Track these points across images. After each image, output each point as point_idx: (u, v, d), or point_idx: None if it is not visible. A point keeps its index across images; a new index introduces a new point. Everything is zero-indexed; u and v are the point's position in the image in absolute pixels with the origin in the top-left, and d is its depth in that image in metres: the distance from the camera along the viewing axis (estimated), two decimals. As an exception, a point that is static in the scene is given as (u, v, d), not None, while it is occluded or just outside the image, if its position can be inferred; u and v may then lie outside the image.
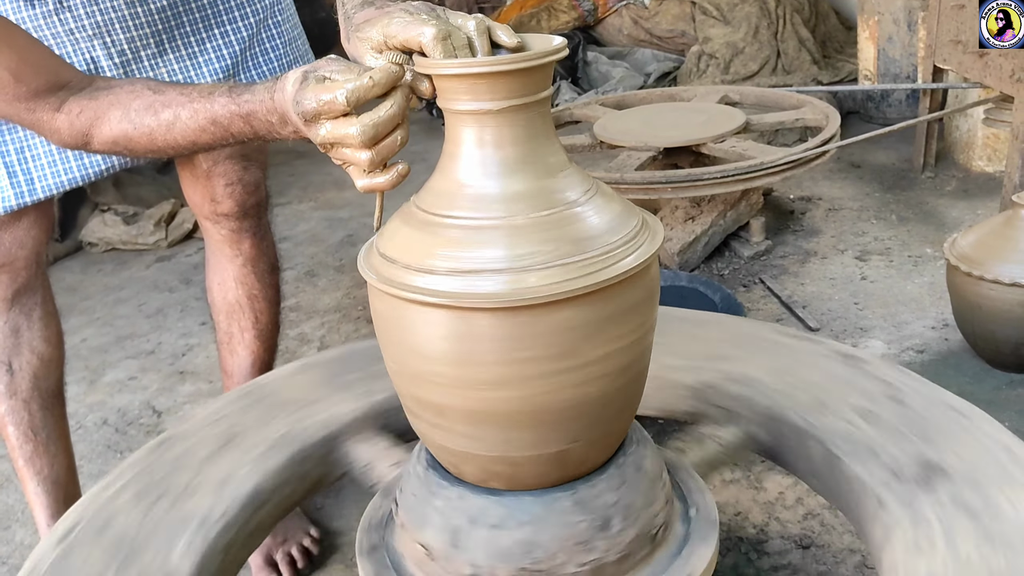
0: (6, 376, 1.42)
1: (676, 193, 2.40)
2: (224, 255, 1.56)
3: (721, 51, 4.27)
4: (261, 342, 1.61)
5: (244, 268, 1.56)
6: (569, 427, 0.82)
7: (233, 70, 1.40)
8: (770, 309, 2.32)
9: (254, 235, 1.56)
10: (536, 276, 0.76)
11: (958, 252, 1.91)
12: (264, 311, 1.60)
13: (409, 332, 0.81)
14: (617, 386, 0.83)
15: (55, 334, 1.49)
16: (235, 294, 1.58)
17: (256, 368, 1.62)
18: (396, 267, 0.81)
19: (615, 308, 0.79)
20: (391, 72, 0.78)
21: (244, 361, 1.61)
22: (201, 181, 1.48)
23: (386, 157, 0.82)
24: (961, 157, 3.17)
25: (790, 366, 1.12)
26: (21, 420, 1.45)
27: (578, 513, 0.85)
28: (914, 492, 0.89)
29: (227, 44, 1.39)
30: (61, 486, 1.51)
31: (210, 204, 1.50)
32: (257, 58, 1.43)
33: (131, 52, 1.32)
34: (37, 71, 1.02)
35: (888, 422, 1.00)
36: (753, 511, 1.56)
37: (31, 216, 1.37)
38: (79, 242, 3.49)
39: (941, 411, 1.03)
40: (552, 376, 0.79)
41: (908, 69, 3.54)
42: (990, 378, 1.90)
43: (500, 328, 0.76)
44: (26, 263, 1.40)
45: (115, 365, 2.49)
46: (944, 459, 0.93)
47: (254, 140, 0.93)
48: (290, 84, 0.83)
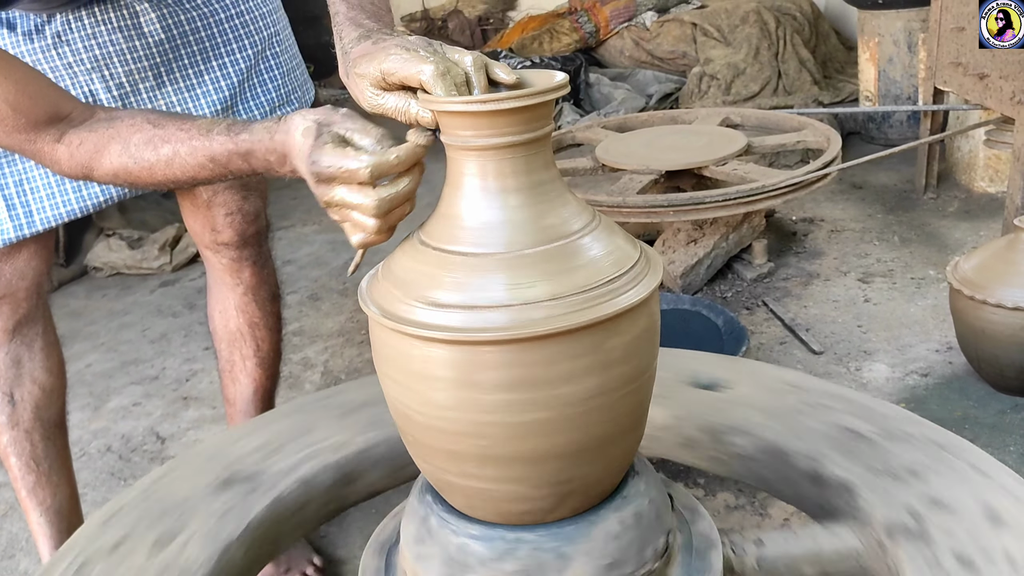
0: (8, 407, 1.42)
1: (678, 216, 2.41)
2: (225, 284, 1.57)
3: (722, 72, 4.29)
4: (263, 370, 1.62)
5: (245, 296, 1.57)
6: (574, 459, 0.82)
7: (231, 101, 1.41)
8: (773, 332, 2.32)
9: (255, 264, 1.56)
10: (539, 310, 0.76)
11: (961, 276, 1.91)
12: (265, 339, 1.61)
13: (411, 364, 0.81)
14: (620, 417, 0.84)
15: (57, 364, 1.49)
16: (236, 322, 1.58)
17: (258, 396, 1.62)
18: (399, 301, 0.81)
19: (619, 340, 0.80)
20: (416, 153, 0.80)
21: (246, 389, 1.61)
22: (201, 211, 1.49)
23: (393, 225, 0.83)
24: (963, 178, 3.17)
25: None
26: (23, 451, 1.45)
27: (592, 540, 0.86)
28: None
29: (225, 76, 1.40)
30: (64, 516, 1.51)
31: (211, 233, 1.51)
32: (255, 88, 1.44)
33: (129, 85, 1.33)
34: (36, 102, 1.02)
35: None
36: (758, 538, 1.55)
37: (31, 247, 1.37)
38: (84, 267, 3.50)
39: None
40: (555, 407, 0.79)
41: (909, 90, 3.55)
42: (995, 402, 1.90)
43: (502, 361, 0.77)
44: (27, 294, 1.40)
45: (119, 391, 2.49)
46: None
47: (252, 176, 0.94)
48: (299, 133, 0.83)
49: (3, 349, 1.41)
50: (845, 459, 1.05)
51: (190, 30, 1.36)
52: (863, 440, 1.08)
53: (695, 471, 1.70)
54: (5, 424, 1.43)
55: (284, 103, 1.47)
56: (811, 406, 1.16)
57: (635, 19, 4.91)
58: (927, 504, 0.96)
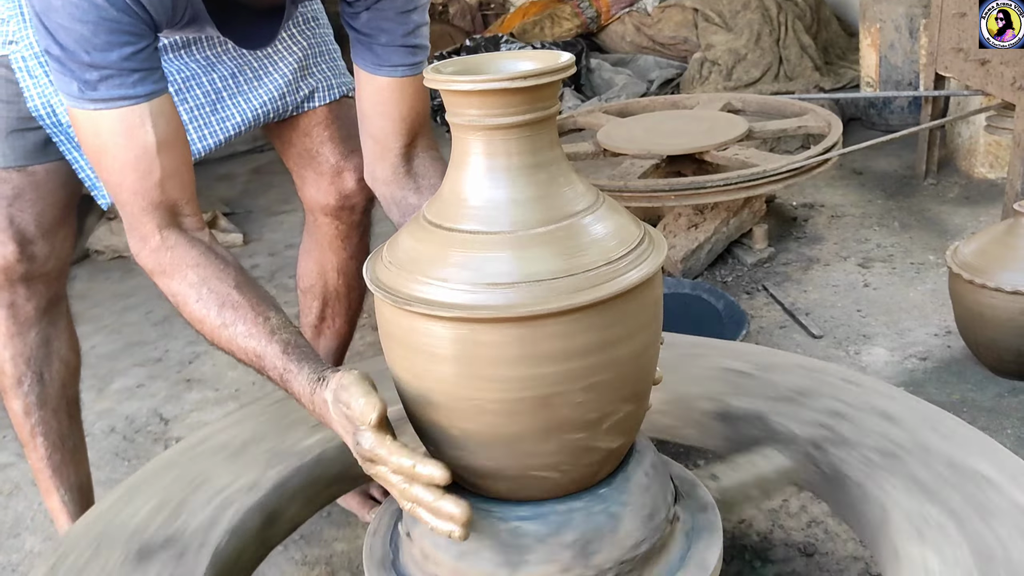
0: (38, 386, 1.44)
1: (679, 201, 2.42)
2: (332, 248, 1.60)
3: (723, 58, 4.28)
4: (349, 328, 1.72)
5: (351, 260, 1.61)
6: (580, 433, 0.84)
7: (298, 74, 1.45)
8: (773, 316, 2.33)
9: (365, 229, 1.61)
10: (546, 288, 0.77)
11: (960, 260, 1.92)
12: (356, 300, 1.69)
13: (417, 342, 0.82)
14: (625, 394, 0.85)
15: (76, 341, 1.52)
16: (335, 284, 1.64)
17: (340, 351, 1.73)
18: (404, 280, 0.82)
19: (624, 317, 0.81)
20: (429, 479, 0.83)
21: (331, 343, 1.71)
22: (327, 177, 1.51)
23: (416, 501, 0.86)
24: (963, 164, 3.18)
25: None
26: (51, 430, 1.48)
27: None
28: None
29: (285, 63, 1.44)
30: (84, 493, 1.55)
31: (337, 199, 1.52)
32: (324, 56, 1.48)
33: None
34: (181, 188, 1.06)
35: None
36: (757, 519, 1.57)
37: (69, 226, 1.41)
38: (86, 250, 3.51)
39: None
40: (561, 383, 0.80)
41: (910, 76, 3.55)
42: (992, 385, 1.91)
43: (507, 338, 0.78)
44: (59, 273, 1.43)
45: (123, 372, 2.51)
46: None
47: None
48: (332, 410, 0.91)
49: (35, 329, 1.42)
50: (742, 393, 1.18)
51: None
52: (746, 376, 1.22)
53: (695, 452, 1.72)
54: (35, 404, 1.45)
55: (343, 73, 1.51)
56: (689, 356, 1.29)
57: (636, 4, 4.90)
58: (830, 415, 1.12)
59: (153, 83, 1.00)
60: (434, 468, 0.81)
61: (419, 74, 1.20)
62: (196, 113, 1.36)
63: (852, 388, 1.18)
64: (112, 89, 0.97)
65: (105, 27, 0.93)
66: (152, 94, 1.00)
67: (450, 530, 0.82)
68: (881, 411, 1.12)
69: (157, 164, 1.01)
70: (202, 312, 1.02)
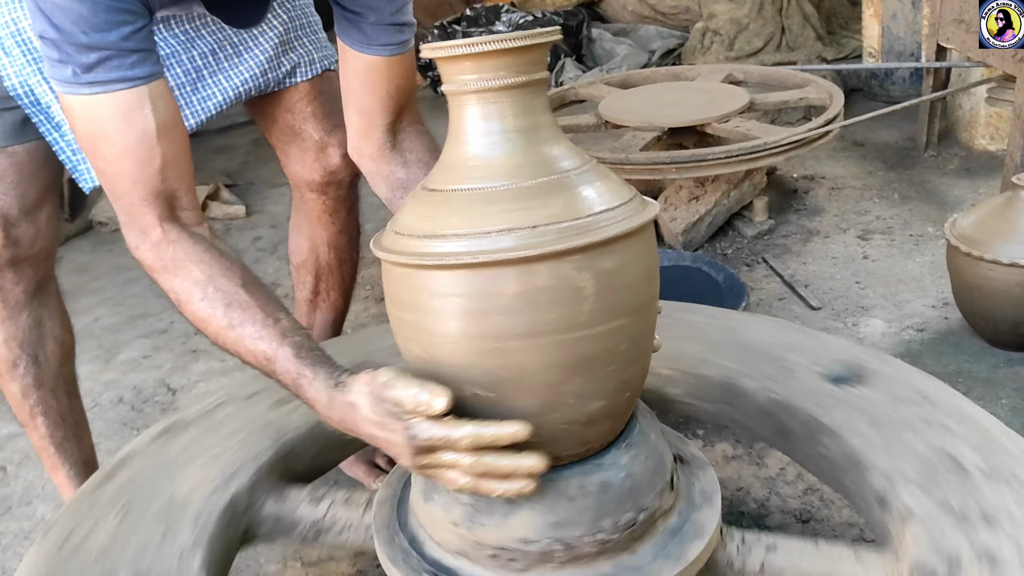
0: (34, 368, 1.46)
1: (680, 173, 2.43)
2: (321, 222, 1.61)
3: (725, 27, 4.27)
4: (344, 300, 1.75)
5: (340, 235, 1.64)
6: (583, 382, 0.86)
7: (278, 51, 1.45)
8: (772, 288, 2.35)
9: (353, 204, 1.63)
10: (544, 233, 0.81)
11: (958, 232, 1.93)
12: (349, 273, 1.71)
13: (426, 304, 0.84)
14: (624, 348, 0.87)
15: (68, 320, 1.53)
16: (327, 258, 1.66)
17: (337, 323, 1.76)
18: (407, 240, 0.85)
19: (620, 266, 0.84)
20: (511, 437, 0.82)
21: (327, 316, 1.73)
22: (312, 153, 1.52)
23: (485, 493, 0.86)
24: (964, 136, 3.18)
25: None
26: (50, 409, 1.49)
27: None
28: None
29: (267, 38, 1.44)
30: (89, 466, 1.57)
31: (322, 175, 1.54)
32: (306, 28, 1.48)
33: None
34: (180, 177, 1.03)
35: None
36: (754, 487, 1.60)
37: (51, 206, 1.40)
38: (89, 221, 3.52)
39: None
40: (564, 330, 0.82)
41: (912, 47, 3.54)
42: (988, 356, 1.94)
43: (512, 281, 0.81)
44: (47, 255, 1.43)
45: (128, 344, 2.53)
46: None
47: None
48: (366, 411, 0.88)
49: (25, 312, 1.43)
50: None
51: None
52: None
53: (694, 423, 1.75)
54: (31, 385, 1.47)
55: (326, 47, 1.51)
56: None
57: (638, -27, 4.87)
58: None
59: (151, 65, 0.97)
60: (513, 424, 0.81)
61: (407, 52, 1.20)
62: (177, 93, 1.34)
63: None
64: (110, 71, 0.94)
65: (104, 6, 0.91)
66: (151, 76, 0.97)
67: (521, 487, 0.82)
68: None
69: (157, 150, 0.99)
70: (207, 311, 0.99)
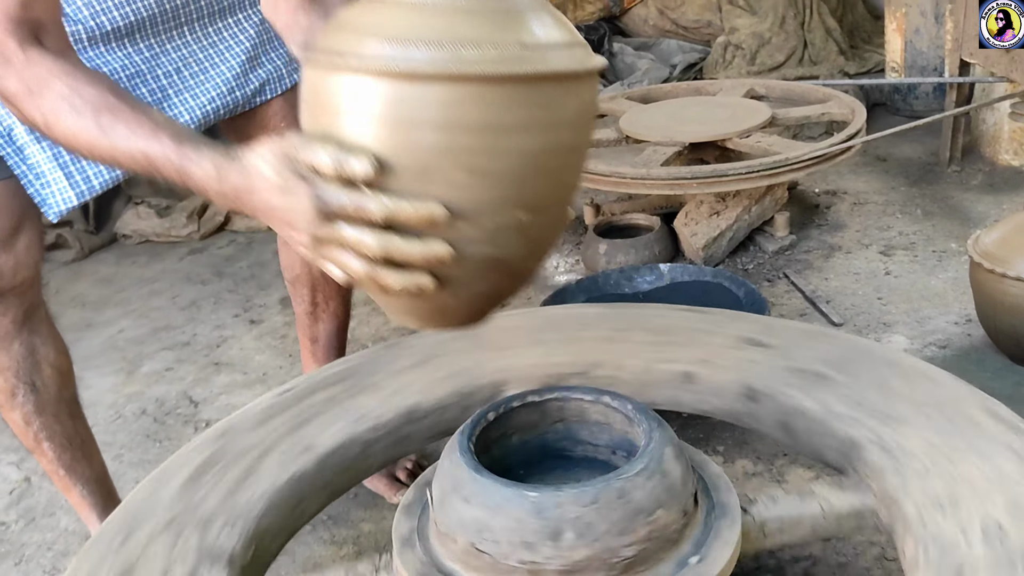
0: (32, 396, 1.44)
1: (701, 188, 2.43)
2: None
3: (747, 41, 4.27)
4: (344, 307, 1.76)
5: None
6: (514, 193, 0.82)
7: (255, 52, 1.45)
8: (794, 304, 2.35)
9: None
10: (473, 53, 0.76)
11: (981, 249, 1.92)
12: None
13: (338, 104, 0.80)
14: (548, 187, 0.84)
15: (62, 344, 1.51)
16: (318, 269, 1.65)
17: (341, 331, 1.77)
18: (337, 42, 0.81)
19: (547, 106, 0.80)
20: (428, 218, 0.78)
21: (330, 326, 1.75)
22: None
23: (386, 287, 0.81)
24: (987, 151, 3.16)
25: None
26: (55, 433, 1.48)
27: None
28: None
29: (243, 31, 1.44)
30: (103, 483, 1.57)
31: None
32: (275, 41, 1.47)
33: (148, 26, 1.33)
34: (47, 9, 0.96)
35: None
36: (775, 504, 1.59)
37: (29, 236, 1.37)
38: (113, 234, 3.57)
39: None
40: (479, 154, 0.79)
41: (935, 62, 3.53)
42: (1012, 374, 1.92)
43: (435, 99, 0.77)
44: (32, 282, 1.40)
45: (151, 356, 2.56)
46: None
47: (184, 188, 0.92)
48: (267, 171, 0.81)
49: (16, 341, 1.41)
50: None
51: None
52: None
53: (714, 439, 1.74)
54: (32, 412, 1.46)
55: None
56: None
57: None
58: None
59: None
60: (431, 204, 0.77)
61: None
62: None
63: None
64: None
65: None
66: None
67: (420, 281, 0.79)
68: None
69: None
70: (77, 123, 0.91)
